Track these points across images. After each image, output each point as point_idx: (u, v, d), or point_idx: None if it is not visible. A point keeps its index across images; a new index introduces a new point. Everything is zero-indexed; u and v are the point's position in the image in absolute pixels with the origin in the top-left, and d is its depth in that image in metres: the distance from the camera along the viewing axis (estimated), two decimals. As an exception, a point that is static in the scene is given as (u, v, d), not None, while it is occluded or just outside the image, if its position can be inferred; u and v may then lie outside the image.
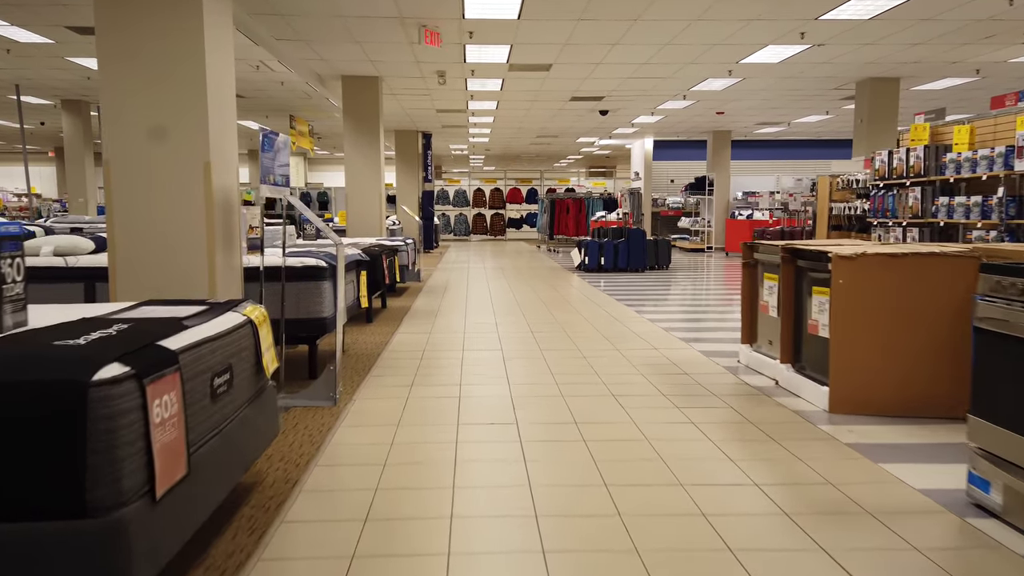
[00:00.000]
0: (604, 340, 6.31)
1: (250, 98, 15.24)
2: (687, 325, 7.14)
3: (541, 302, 8.85)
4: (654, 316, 7.71)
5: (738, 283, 11.09)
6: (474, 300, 9.09)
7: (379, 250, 7.24)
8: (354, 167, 11.24)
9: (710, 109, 15.11)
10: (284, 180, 4.41)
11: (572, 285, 10.85)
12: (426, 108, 14.82)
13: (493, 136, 20.49)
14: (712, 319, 7.56)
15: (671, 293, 9.87)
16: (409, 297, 9.43)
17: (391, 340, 6.33)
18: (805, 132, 19.72)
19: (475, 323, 7.25)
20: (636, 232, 13.24)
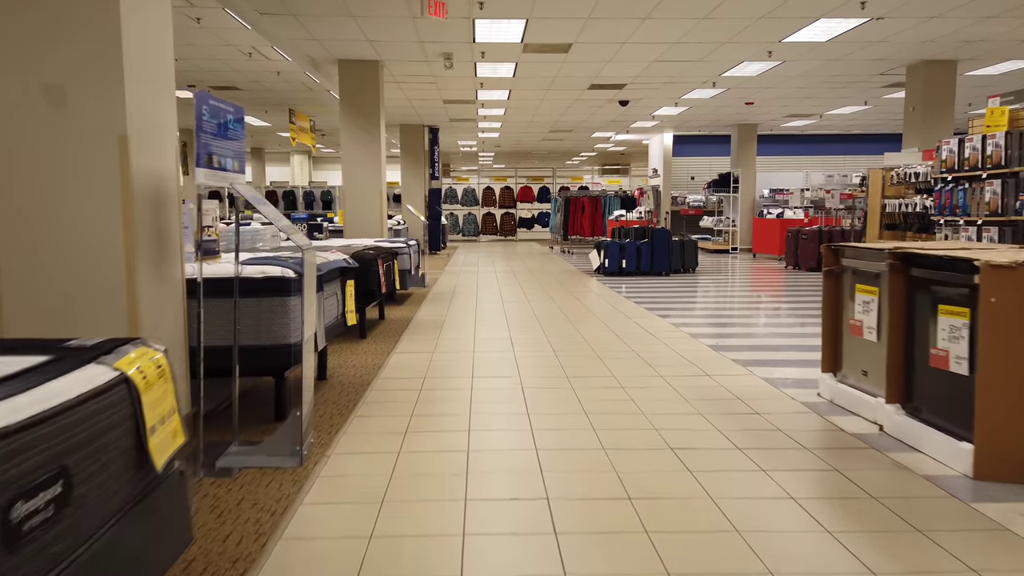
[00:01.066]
0: (643, 363, 5.21)
1: (246, 90, 14.25)
2: (738, 343, 6.02)
3: (561, 312, 7.76)
4: (695, 330, 6.60)
5: (781, 289, 9.95)
6: (484, 310, 8.01)
7: (374, 254, 6.16)
8: (352, 162, 10.19)
9: (739, 99, 13.97)
10: (236, 165, 3.34)
11: (593, 291, 9.76)
12: (432, 99, 13.75)
13: (504, 131, 19.42)
14: (766, 335, 6.44)
15: (707, 301, 8.75)
16: (411, 306, 8.36)
17: (386, 362, 5.25)
18: (836, 126, 18.54)
19: (486, 339, 6.16)
20: (660, 232, 12.12)
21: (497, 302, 8.65)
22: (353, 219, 10.17)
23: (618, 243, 12.08)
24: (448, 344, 5.96)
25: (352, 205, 10.17)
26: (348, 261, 4.65)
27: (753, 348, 5.77)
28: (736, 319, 7.30)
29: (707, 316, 7.51)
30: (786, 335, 6.37)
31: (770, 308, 8.12)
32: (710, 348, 5.76)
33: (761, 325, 6.95)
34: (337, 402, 4.18)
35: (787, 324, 6.98)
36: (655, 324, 6.94)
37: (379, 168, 10.15)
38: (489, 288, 10.14)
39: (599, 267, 12.36)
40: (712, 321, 7.17)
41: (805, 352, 5.58)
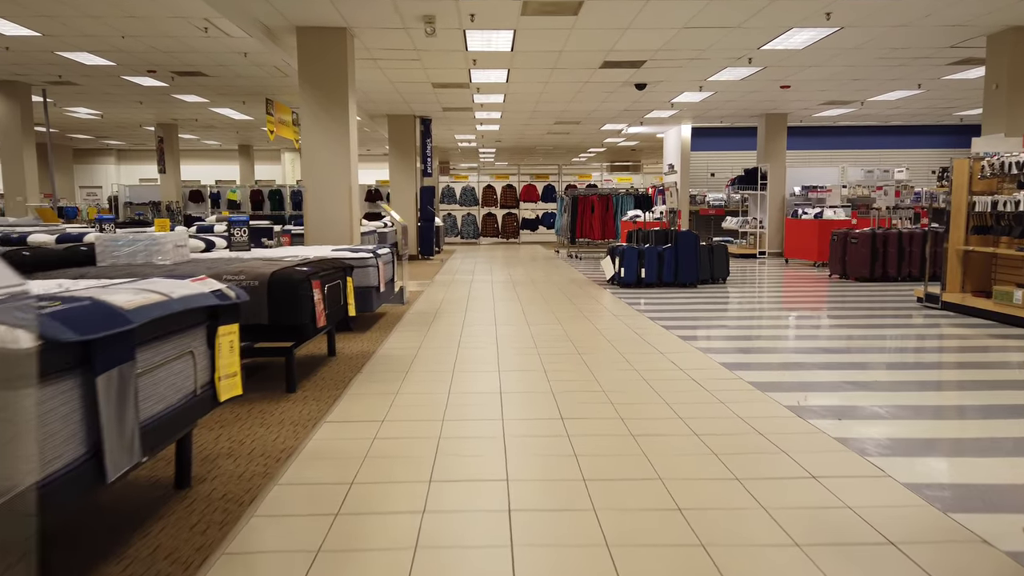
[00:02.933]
0: (693, 439, 3.36)
1: (213, 76, 12.50)
2: (830, 400, 4.16)
3: (569, 342, 5.91)
4: (758, 376, 4.74)
5: (842, 307, 8.08)
6: (472, 339, 6.17)
7: (305, 273, 4.33)
8: (314, 152, 8.36)
9: (774, 82, 12.10)
10: None
11: (608, 309, 7.91)
12: (419, 82, 11.93)
13: (504, 123, 17.59)
14: (870, 387, 4.58)
15: (757, 326, 6.88)
16: (378, 333, 6.53)
17: (304, 443, 3.42)
18: (875, 116, 16.64)
19: (465, 394, 4.33)
20: (686, 236, 10.26)
21: (489, 326, 6.81)
22: (316, 222, 8.34)
23: (636, 249, 10.23)
24: (408, 404, 4.13)
25: (315, 205, 8.34)
26: (227, 293, 2.82)
27: (864, 415, 3.91)
28: (808, 357, 5.43)
29: (767, 352, 5.65)
30: (904, 389, 4.50)
31: (847, 339, 6.25)
32: (787, 409, 3.91)
33: (856, 367, 5.08)
34: (203, 515, 2.36)
35: (898, 370, 5.12)
36: (698, 364, 5.09)
37: (348, 160, 8.32)
38: (482, 305, 8.30)
39: (613, 277, 10.51)
40: (777, 361, 5.30)
41: (923, 417, 3.72)
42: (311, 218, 8.31)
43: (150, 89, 13.86)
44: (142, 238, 4.78)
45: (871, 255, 10.74)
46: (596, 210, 16.08)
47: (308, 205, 8.31)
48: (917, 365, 5.06)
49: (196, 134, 22.75)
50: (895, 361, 5.20)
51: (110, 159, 30.05)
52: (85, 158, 29.74)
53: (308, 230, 8.32)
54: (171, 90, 13.96)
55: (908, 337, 6.16)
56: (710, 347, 5.73)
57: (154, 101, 15.52)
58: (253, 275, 4.15)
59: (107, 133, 23.19)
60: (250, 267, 4.26)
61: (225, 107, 16.38)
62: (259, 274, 4.16)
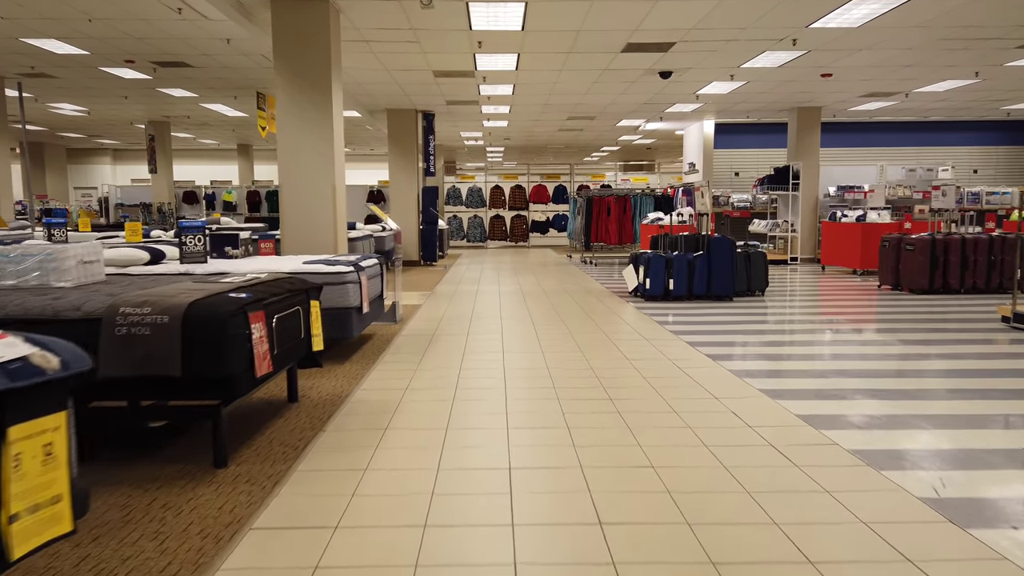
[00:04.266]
0: (777, 537, 2.14)
1: (199, 67, 11.42)
2: (978, 482, 2.92)
3: (596, 380, 4.69)
4: (862, 440, 3.48)
5: (907, 326, 6.80)
6: (473, 374, 4.96)
7: (242, 301, 3.13)
8: (292, 147, 7.16)
9: (816, 69, 10.83)
10: None
11: (636, 330, 6.68)
12: (419, 69, 10.73)
13: (513, 118, 16.38)
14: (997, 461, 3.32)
15: (828, 356, 5.63)
16: (359, 365, 5.32)
17: (219, 562, 2.23)
18: (915, 110, 15.32)
19: (460, 472, 3.11)
20: (721, 243, 9.01)
21: (495, 354, 5.59)
22: (295, 228, 7.14)
23: (663, 256, 8.99)
24: (379, 499, 2.91)
25: (293, 209, 7.14)
26: (35, 365, 1.62)
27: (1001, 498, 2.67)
28: (912, 406, 4.18)
29: (852, 398, 4.40)
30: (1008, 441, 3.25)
31: (943, 376, 4.98)
32: (927, 506, 2.67)
33: (965, 425, 3.82)
34: None
35: (998, 420, 3.86)
36: (771, 417, 3.85)
37: (331, 155, 7.11)
38: (487, 324, 7.09)
39: (637, 288, 9.28)
40: (877, 414, 4.04)
41: None
42: (288, 224, 7.10)
43: (132, 82, 12.77)
44: (34, 252, 3.59)
45: (930, 264, 9.45)
46: (612, 212, 14.84)
47: (285, 208, 7.11)
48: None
49: (191, 132, 21.66)
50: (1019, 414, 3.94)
51: (105, 159, 29.06)
52: (79, 158, 28.76)
53: (284, 238, 7.11)
54: (155, 83, 12.85)
55: (1018, 374, 4.90)
56: (777, 389, 4.49)
57: (140, 96, 14.42)
58: (162, 307, 2.95)
59: (99, 132, 22.12)
60: (160, 296, 3.05)
61: (216, 102, 15.27)
62: (171, 306, 2.96)
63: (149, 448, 3.38)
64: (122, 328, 2.92)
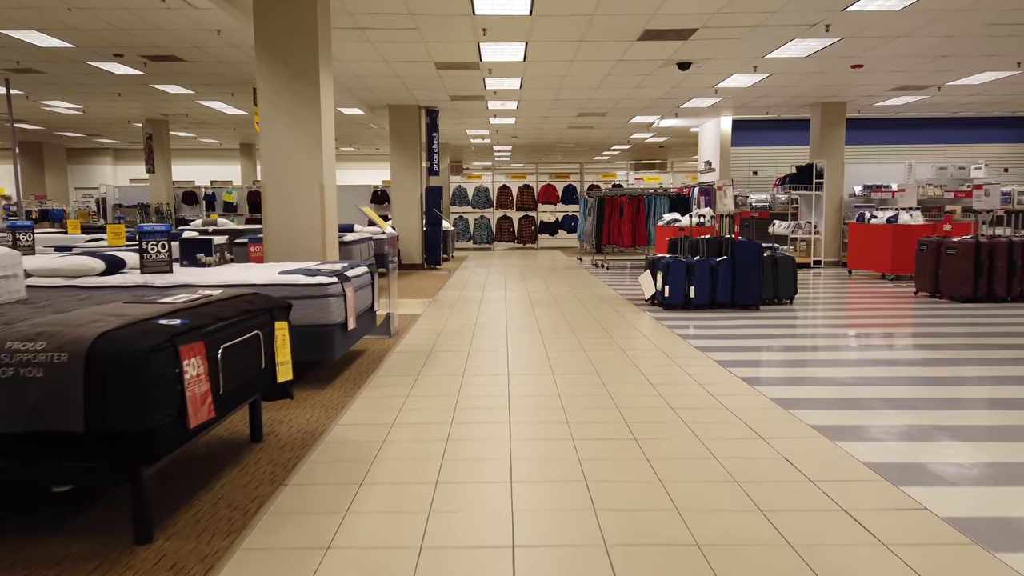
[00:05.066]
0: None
1: (191, 61, 10.83)
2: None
3: (617, 412, 3.98)
4: (964, 501, 2.77)
5: (989, 349, 6.05)
6: (473, 403, 4.26)
7: (162, 333, 2.44)
8: (275, 142, 6.48)
9: (847, 59, 10.08)
10: None
11: (658, 346, 5.96)
12: (420, 60, 10.05)
13: (520, 115, 15.69)
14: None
15: (885, 380, 4.90)
16: (342, 390, 4.63)
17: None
18: (944, 104, 14.51)
19: (453, 552, 2.42)
20: (746, 247, 8.28)
21: (499, 376, 4.89)
22: (279, 232, 6.45)
23: (683, 262, 8.27)
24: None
25: (277, 211, 6.45)
26: None
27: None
28: (1005, 451, 3.45)
29: (927, 436, 3.67)
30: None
31: (1018, 408, 4.25)
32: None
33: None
34: None
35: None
36: (832, 465, 3.13)
37: (319, 152, 6.42)
38: (492, 338, 6.39)
39: (654, 295, 8.56)
40: (968, 467, 3.32)
41: None
42: (272, 227, 6.42)
43: (124, 78, 12.17)
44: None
45: (974, 269, 8.69)
46: (625, 213, 14.11)
47: (268, 211, 6.42)
48: None
49: (191, 131, 21.08)
50: None
51: (106, 159, 28.56)
52: (80, 158, 28.28)
53: (268, 243, 6.43)
54: (148, 79, 12.24)
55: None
56: (833, 426, 3.76)
57: (134, 93, 13.82)
58: (61, 341, 2.27)
59: (98, 131, 21.56)
60: (63, 325, 2.37)
61: (213, 100, 14.65)
62: (72, 339, 2.28)
63: (55, 516, 2.70)
64: (8, 369, 2.24)
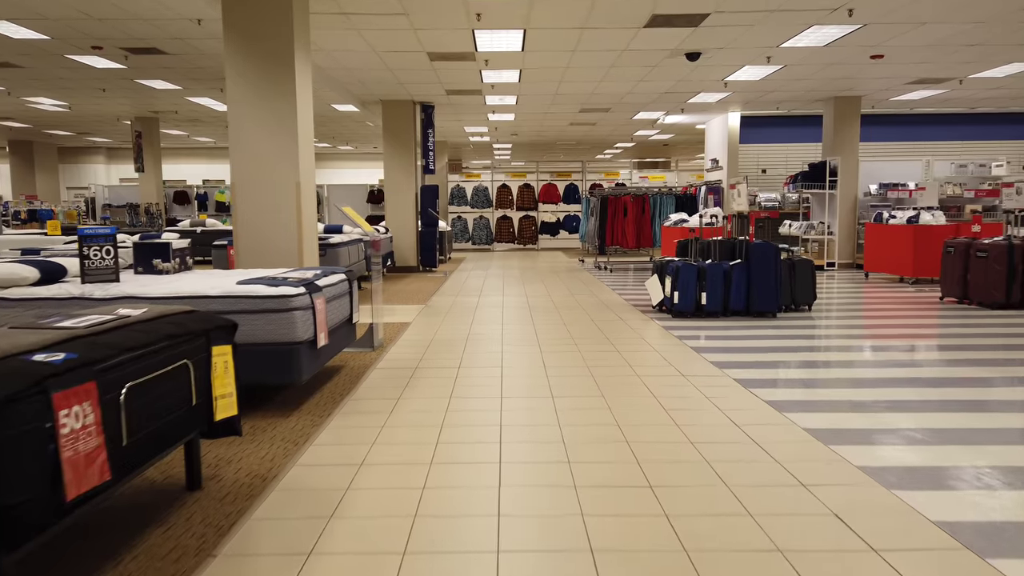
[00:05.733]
0: None
1: (173, 54, 10.30)
2: None
3: (626, 446, 3.36)
4: None
5: (1003, 354, 5.43)
6: (459, 436, 3.64)
7: (44, 371, 1.83)
8: (245, 134, 5.87)
9: (868, 48, 9.46)
10: None
11: (669, 361, 5.35)
12: (411, 51, 9.45)
13: (520, 111, 15.08)
14: None
15: (935, 396, 4.28)
16: (308, 419, 4.01)
17: None
18: (963, 100, 13.88)
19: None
20: (762, 249, 7.66)
21: (492, 399, 4.28)
22: (249, 235, 5.85)
23: (694, 266, 7.65)
24: None
25: (247, 211, 5.85)
26: None
27: None
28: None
29: (985, 469, 3.05)
30: None
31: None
32: None
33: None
34: None
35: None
36: (886, 516, 2.51)
37: (295, 146, 5.82)
38: (486, 352, 5.77)
39: (663, 302, 7.95)
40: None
41: None
42: (242, 230, 5.82)
43: (107, 72, 11.60)
44: None
45: (1008, 274, 8.07)
46: (630, 213, 13.50)
47: (237, 211, 5.82)
48: None
49: (183, 129, 20.49)
50: None
51: (99, 158, 28.00)
52: (72, 157, 27.73)
53: (238, 247, 5.82)
54: (131, 73, 11.66)
55: None
56: (886, 468, 3.14)
57: (119, 89, 13.24)
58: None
59: (88, 129, 20.98)
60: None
61: (203, 96, 14.07)
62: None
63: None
64: None
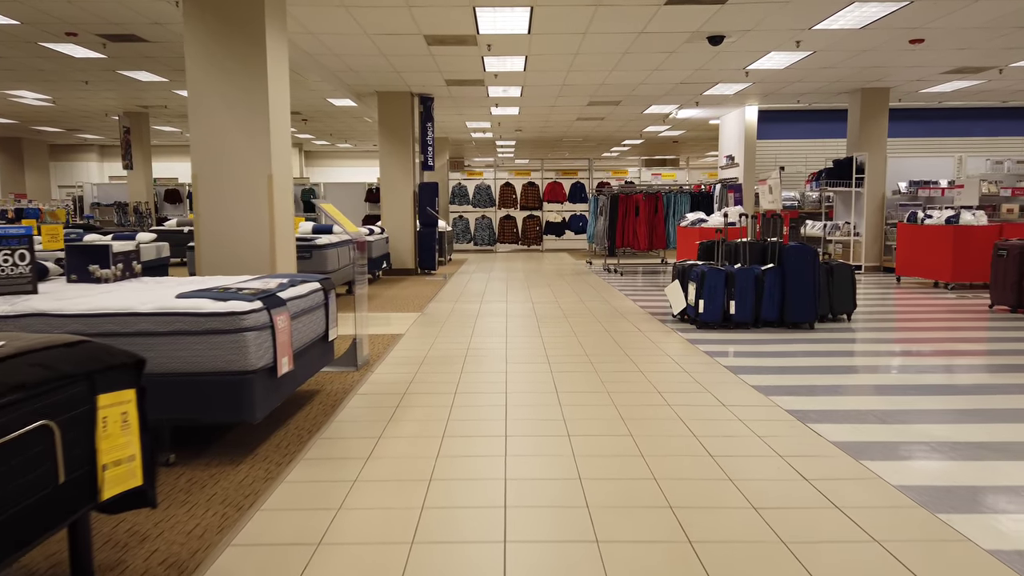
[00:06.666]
0: None
1: (154, 42, 9.87)
2: None
3: (662, 498, 2.54)
4: None
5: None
6: (451, 492, 2.82)
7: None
8: (207, 120, 5.06)
9: (907, 31, 8.62)
10: None
11: (701, 385, 4.52)
12: (407, 33, 8.63)
13: (525, 103, 14.25)
14: None
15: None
16: (260, 468, 3.18)
17: None
18: (997, 92, 13.03)
19: None
20: (798, 252, 6.83)
21: (494, 436, 3.46)
22: (214, 236, 5.03)
23: (722, 271, 6.82)
24: None
25: (210, 209, 5.04)
26: None
27: None
28: None
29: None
30: None
31: None
32: None
33: None
34: None
35: None
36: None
37: (266, 133, 5.01)
38: (488, 371, 4.95)
39: (686, 310, 7.12)
40: None
41: None
42: (204, 230, 5.00)
43: (86, 63, 10.85)
44: None
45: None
46: (641, 212, 12.67)
47: (199, 209, 5.00)
48: None
49: (175, 125, 19.71)
50: None
51: (91, 156, 27.27)
52: (63, 155, 27.00)
53: (199, 251, 5.01)
54: (112, 64, 10.90)
55: None
56: (1010, 532, 2.32)
57: (102, 81, 12.48)
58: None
59: (77, 125, 20.21)
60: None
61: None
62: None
63: None
64: None
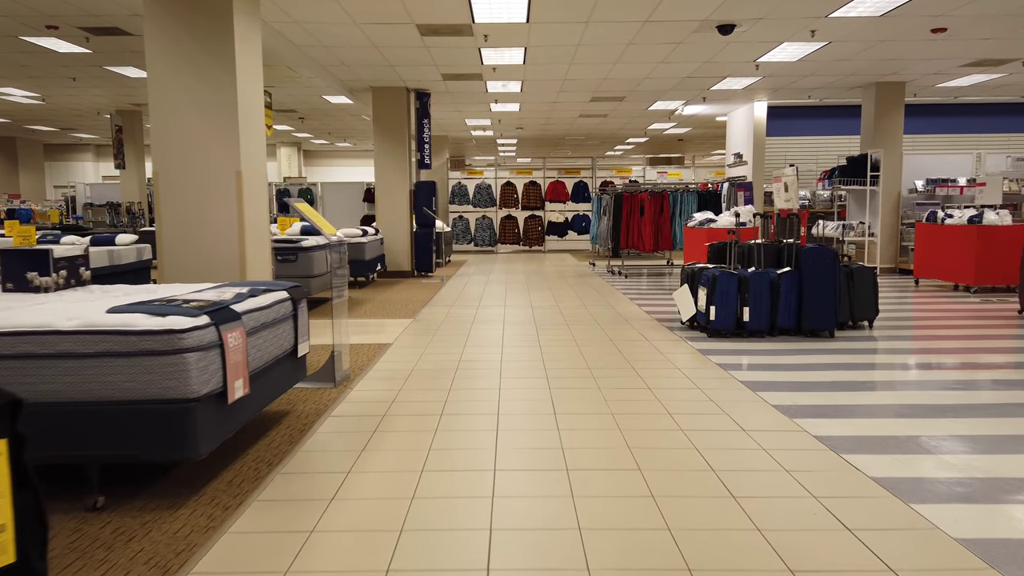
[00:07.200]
0: None
1: (139, 36, 9.11)
2: None
3: (680, 561, 2.09)
4: None
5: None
6: (425, 545, 2.35)
7: None
8: (169, 110, 4.59)
9: (929, 19, 8.12)
10: None
11: (716, 404, 4.04)
12: (398, 22, 8.16)
13: (525, 99, 13.76)
14: None
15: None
16: (201, 517, 2.70)
17: None
18: (1014, 86, 12.51)
19: None
20: (816, 255, 6.34)
21: (482, 469, 2.98)
22: (178, 239, 4.57)
23: (735, 274, 6.33)
24: None
25: (173, 210, 4.57)
26: None
27: None
28: None
29: None
30: None
31: None
32: None
33: None
34: None
35: None
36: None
37: (234, 126, 4.54)
38: (479, 387, 4.47)
39: (696, 316, 6.64)
40: None
41: None
42: (166, 233, 4.53)
43: (70, 58, 10.42)
44: None
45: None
46: (647, 212, 12.18)
47: (161, 210, 4.53)
48: None
49: (166, 124, 19.27)
50: None
51: (87, 156, 26.89)
52: (58, 155, 26.63)
53: (162, 257, 4.54)
54: (99, 59, 10.48)
55: None
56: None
57: (90, 77, 12.06)
58: None
59: (70, 124, 19.80)
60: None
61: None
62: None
63: None
64: None
